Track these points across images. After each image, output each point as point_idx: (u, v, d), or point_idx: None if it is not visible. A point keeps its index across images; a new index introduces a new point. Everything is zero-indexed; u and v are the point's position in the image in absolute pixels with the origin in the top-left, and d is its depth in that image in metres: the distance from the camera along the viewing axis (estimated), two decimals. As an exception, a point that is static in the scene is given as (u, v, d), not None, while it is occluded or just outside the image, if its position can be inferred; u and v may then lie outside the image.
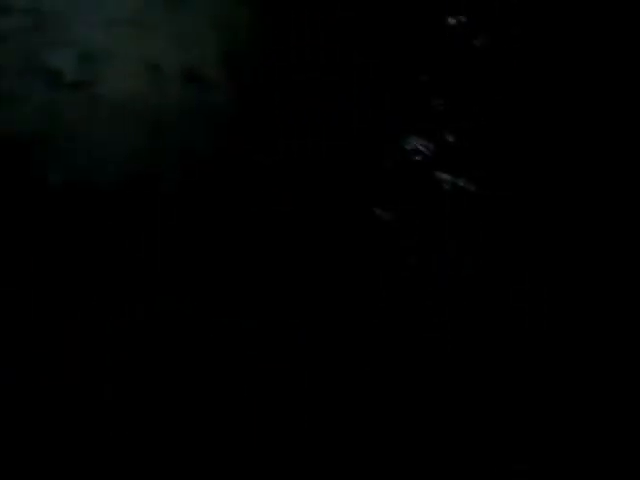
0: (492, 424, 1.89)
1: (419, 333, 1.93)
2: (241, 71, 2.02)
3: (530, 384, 1.91)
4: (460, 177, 2.00)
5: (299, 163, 2.00)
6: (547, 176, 1.99)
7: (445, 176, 2.00)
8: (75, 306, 1.87)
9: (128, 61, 2.04)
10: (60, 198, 1.87)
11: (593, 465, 1.85)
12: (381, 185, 1.99)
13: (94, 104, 1.95)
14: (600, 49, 1.98)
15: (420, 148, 2.00)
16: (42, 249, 1.89)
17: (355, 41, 2.01)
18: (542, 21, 1.98)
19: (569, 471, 1.85)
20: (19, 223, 1.87)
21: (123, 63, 2.03)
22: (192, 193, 1.97)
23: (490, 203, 1.99)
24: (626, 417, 1.87)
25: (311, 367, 1.90)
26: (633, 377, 1.89)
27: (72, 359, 1.84)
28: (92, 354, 1.85)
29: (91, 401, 1.82)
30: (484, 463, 1.86)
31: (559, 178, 1.99)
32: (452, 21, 1.99)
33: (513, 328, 1.93)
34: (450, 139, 2.01)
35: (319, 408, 1.89)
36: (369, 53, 2.01)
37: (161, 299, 1.89)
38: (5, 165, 1.83)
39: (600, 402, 1.89)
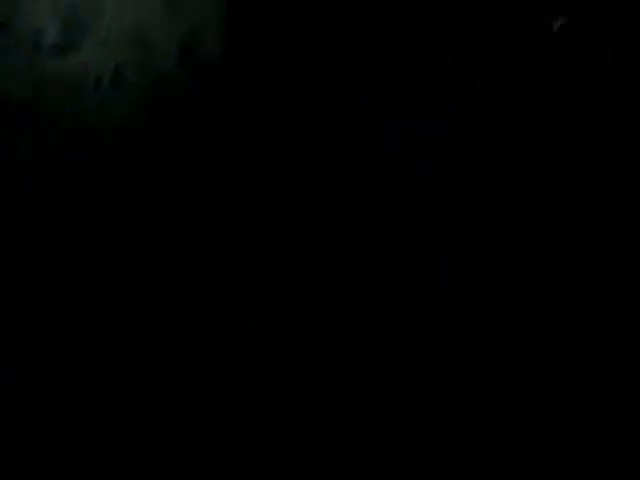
0: (492, 424, 1.89)
1: (419, 333, 1.93)
2: (241, 49, 1.88)
3: (530, 384, 1.91)
4: (460, 177, 2.00)
5: (303, 156, 2.00)
6: (547, 176, 1.99)
7: (445, 176, 2.00)
8: (75, 306, 1.87)
9: (117, 27, 1.87)
10: (31, 174, 1.77)
11: (593, 465, 1.85)
12: (381, 184, 1.99)
13: (76, 73, 1.82)
14: (601, 48, 1.98)
15: (420, 146, 2.00)
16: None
17: (348, 27, 2.00)
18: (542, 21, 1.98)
19: (569, 471, 1.85)
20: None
21: (112, 29, 1.86)
22: (178, 180, 1.96)
23: (490, 203, 1.99)
24: (626, 417, 1.87)
25: (311, 367, 1.90)
26: (633, 377, 1.89)
27: (72, 359, 1.84)
28: (92, 354, 1.85)
29: (91, 401, 1.82)
30: (484, 463, 1.87)
31: (559, 177, 1.99)
32: (453, 20, 1.98)
33: (513, 328, 1.94)
34: (451, 139, 2.01)
35: (319, 408, 1.89)
36: (362, 41, 2.01)
37: (161, 299, 1.89)
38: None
39: (600, 402, 1.89)
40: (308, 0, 2.00)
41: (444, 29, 2.00)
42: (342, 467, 1.85)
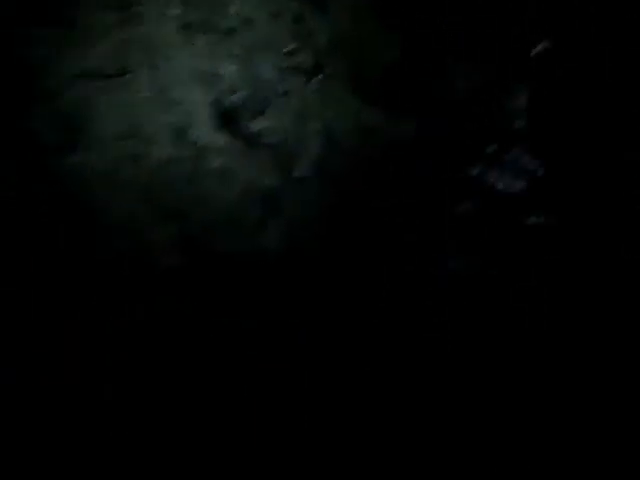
0: (492, 424, 1.89)
1: (419, 333, 1.93)
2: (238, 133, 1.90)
3: (530, 384, 1.91)
4: (461, 176, 2.00)
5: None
6: (547, 175, 1.99)
7: (445, 175, 2.00)
8: (75, 306, 1.87)
9: (113, 122, 1.92)
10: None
11: (593, 465, 1.85)
12: (381, 184, 1.99)
13: (75, 172, 1.87)
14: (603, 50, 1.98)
15: (421, 146, 2.00)
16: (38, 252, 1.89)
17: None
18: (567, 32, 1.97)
19: (569, 471, 1.85)
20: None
21: (107, 125, 1.91)
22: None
23: (490, 203, 1.99)
24: (626, 417, 1.87)
25: (311, 367, 1.90)
26: (633, 377, 1.89)
27: (72, 359, 1.84)
28: (92, 354, 1.85)
29: (91, 401, 1.83)
30: (484, 463, 1.87)
31: (559, 177, 1.99)
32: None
33: (513, 328, 1.93)
34: (451, 138, 2.01)
35: (319, 408, 1.89)
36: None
37: (161, 299, 1.89)
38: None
39: (600, 402, 1.89)
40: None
41: (444, 29, 2.00)
42: (342, 466, 1.85)
